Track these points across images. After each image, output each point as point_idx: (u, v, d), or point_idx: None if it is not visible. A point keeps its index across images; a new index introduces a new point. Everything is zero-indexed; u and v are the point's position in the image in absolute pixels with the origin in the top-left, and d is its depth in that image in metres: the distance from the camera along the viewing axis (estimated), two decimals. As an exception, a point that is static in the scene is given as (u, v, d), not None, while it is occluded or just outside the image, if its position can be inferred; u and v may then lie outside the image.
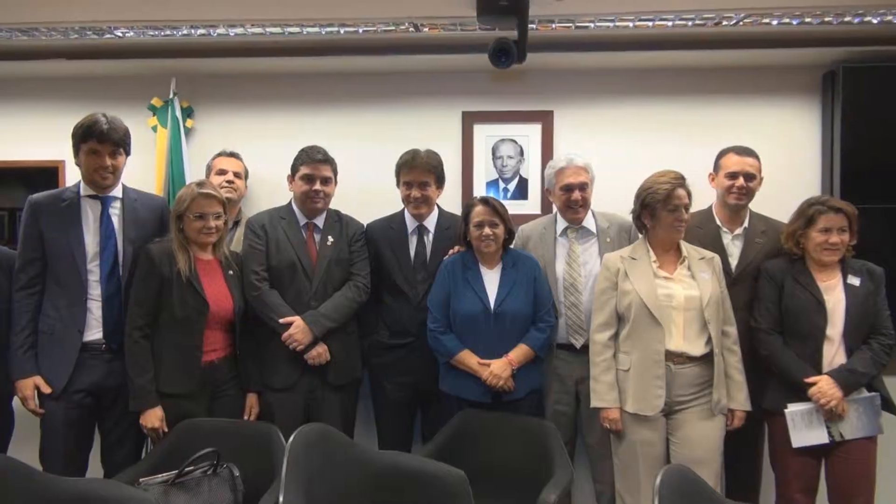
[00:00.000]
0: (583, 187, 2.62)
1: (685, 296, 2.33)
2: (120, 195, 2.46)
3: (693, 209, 2.47)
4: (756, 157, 2.66)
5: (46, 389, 2.31)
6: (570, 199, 2.62)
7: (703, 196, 2.67)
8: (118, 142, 2.37)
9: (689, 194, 2.38)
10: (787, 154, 3.11)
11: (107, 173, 2.37)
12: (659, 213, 2.38)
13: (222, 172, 2.95)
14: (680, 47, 2.89)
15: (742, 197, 2.62)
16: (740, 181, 2.61)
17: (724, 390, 2.33)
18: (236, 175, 2.96)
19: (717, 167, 2.71)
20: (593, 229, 2.69)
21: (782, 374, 2.41)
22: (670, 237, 2.41)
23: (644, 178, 2.47)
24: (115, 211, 2.43)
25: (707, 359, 2.32)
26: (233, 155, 3.03)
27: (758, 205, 2.74)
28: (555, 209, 2.77)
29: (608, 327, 2.42)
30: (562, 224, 2.70)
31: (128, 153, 2.45)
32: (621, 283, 2.40)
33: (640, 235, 2.52)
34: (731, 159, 2.66)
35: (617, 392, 2.36)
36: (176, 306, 2.33)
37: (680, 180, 2.38)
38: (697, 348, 2.31)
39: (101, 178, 2.38)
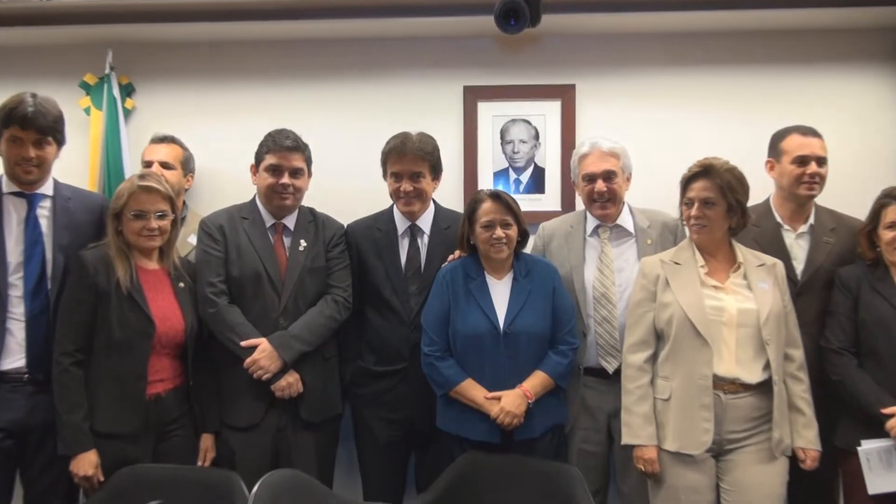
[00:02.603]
0: (608, 176, 2.66)
1: (738, 309, 2.35)
2: (50, 193, 2.49)
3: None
4: (821, 136, 2.72)
5: None
6: (594, 190, 2.66)
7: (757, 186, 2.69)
8: (45, 129, 2.40)
9: (721, 187, 2.38)
10: (857, 135, 3.15)
11: (30, 166, 2.41)
12: (680, 206, 2.46)
13: (147, 164, 2.97)
14: (727, 6, 2.93)
15: (814, 186, 2.67)
16: (812, 167, 2.65)
17: (788, 426, 2.36)
18: (164, 165, 2.97)
19: (776, 152, 2.75)
20: (630, 229, 2.72)
21: (856, 404, 2.44)
22: (692, 236, 2.47)
23: (688, 166, 2.51)
24: (43, 212, 2.46)
25: (765, 387, 2.34)
26: (164, 140, 3.06)
27: (821, 197, 2.77)
28: (583, 205, 2.80)
29: (644, 347, 2.44)
30: (592, 222, 2.74)
31: (59, 143, 2.48)
32: (661, 294, 2.43)
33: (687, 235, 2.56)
34: (795, 141, 2.70)
35: (654, 426, 2.38)
36: (114, 326, 2.35)
37: (703, 168, 2.42)
38: (753, 374, 2.33)
39: (24, 172, 2.41)
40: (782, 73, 3.20)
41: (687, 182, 2.45)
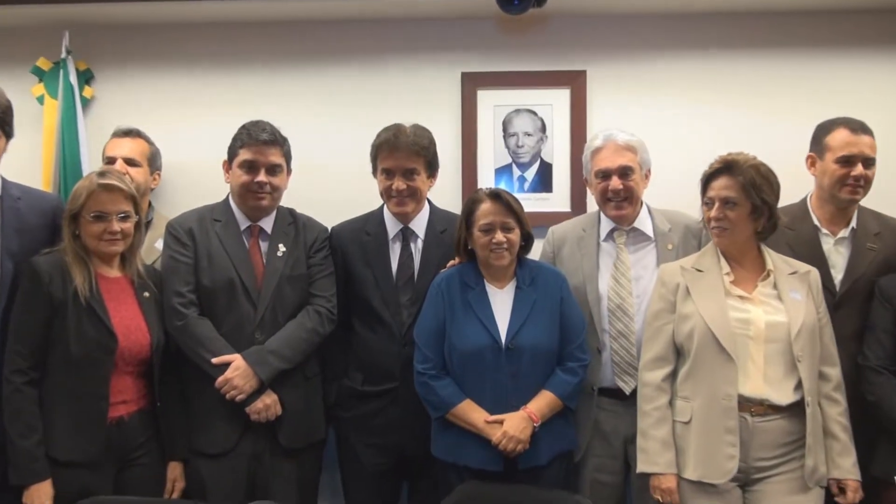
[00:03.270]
0: (624, 173, 2.69)
1: (767, 322, 2.38)
2: (-2, 192, 2.53)
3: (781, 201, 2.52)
4: (871, 133, 2.72)
5: None
6: (608, 188, 2.70)
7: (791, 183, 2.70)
8: (-9, 120, 2.44)
9: (744, 185, 2.40)
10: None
11: (-28, 163, 2.45)
12: (701, 207, 2.49)
13: (110, 161, 3.01)
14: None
15: (858, 190, 2.69)
16: (858, 168, 2.66)
17: (823, 453, 2.38)
18: (129, 162, 3.02)
19: (819, 147, 2.76)
20: (649, 232, 2.77)
21: (893, 427, 2.48)
22: (713, 240, 2.50)
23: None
24: (-10, 214, 2.50)
25: (797, 409, 2.37)
26: (129, 133, 3.10)
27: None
28: (596, 204, 2.84)
29: (663, 363, 2.47)
30: (607, 225, 2.78)
31: (7, 135, 2.52)
32: (681, 304, 2.46)
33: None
34: (841, 136, 2.70)
35: (673, 452, 2.41)
36: (72, 341, 2.37)
37: (724, 165, 2.44)
38: (784, 395, 2.36)
39: (-35, 170, 2.45)
40: (820, 57, 3.26)
41: (707, 180, 2.48)
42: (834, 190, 2.71)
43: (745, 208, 2.41)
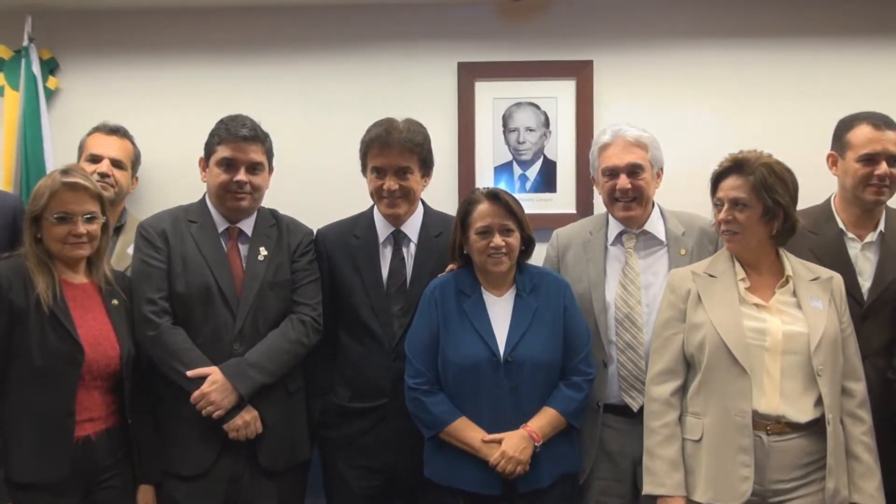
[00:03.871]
0: (633, 171, 2.73)
1: (784, 332, 2.40)
2: (-46, 192, 2.56)
3: (802, 203, 2.55)
4: None
5: None
6: (615, 187, 2.73)
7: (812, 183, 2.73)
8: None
9: (754, 185, 2.42)
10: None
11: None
12: (712, 209, 2.52)
13: (95, 159, 3.04)
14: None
15: (884, 190, 2.71)
16: (883, 167, 2.68)
17: (845, 475, 2.40)
18: (115, 164, 3.06)
19: (840, 144, 2.80)
20: (661, 236, 2.80)
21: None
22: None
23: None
24: (-55, 216, 2.53)
25: (817, 428, 2.38)
26: (116, 132, 3.14)
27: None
28: (603, 205, 2.87)
29: (672, 377, 2.50)
30: (615, 228, 2.81)
31: None
32: (691, 312, 2.49)
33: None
34: (864, 133, 2.73)
35: (682, 473, 2.43)
36: (34, 352, 2.39)
37: (734, 163, 2.47)
38: (803, 412, 2.37)
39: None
40: (844, 46, 3.29)
41: (717, 179, 2.51)
42: (857, 190, 2.74)
43: (757, 210, 2.43)
